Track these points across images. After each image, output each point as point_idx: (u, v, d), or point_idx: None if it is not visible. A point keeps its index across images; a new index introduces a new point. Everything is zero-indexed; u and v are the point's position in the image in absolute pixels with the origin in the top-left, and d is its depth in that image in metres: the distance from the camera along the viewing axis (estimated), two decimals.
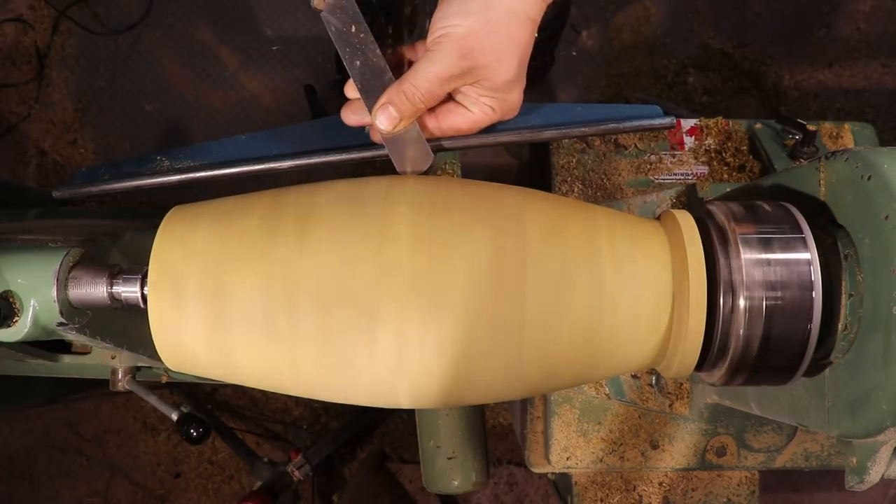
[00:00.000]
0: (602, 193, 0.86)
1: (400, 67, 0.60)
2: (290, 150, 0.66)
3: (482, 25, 0.56)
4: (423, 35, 0.60)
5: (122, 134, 1.77)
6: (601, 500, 0.86)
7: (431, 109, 0.61)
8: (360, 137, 0.66)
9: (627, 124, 0.65)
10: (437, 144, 0.62)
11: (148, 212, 0.82)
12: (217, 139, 0.67)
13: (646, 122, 0.65)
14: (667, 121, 0.65)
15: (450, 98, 0.61)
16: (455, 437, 0.81)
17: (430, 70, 0.57)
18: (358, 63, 0.60)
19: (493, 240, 0.52)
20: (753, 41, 1.79)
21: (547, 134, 0.65)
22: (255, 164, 0.65)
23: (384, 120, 0.59)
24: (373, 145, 0.65)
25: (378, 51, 0.60)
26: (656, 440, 0.83)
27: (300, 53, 1.78)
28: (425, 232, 0.52)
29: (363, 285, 0.51)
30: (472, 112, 0.61)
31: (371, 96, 0.60)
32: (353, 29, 0.60)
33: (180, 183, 0.66)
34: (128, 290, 0.55)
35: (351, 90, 0.62)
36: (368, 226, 0.52)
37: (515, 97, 0.61)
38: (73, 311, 0.55)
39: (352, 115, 0.63)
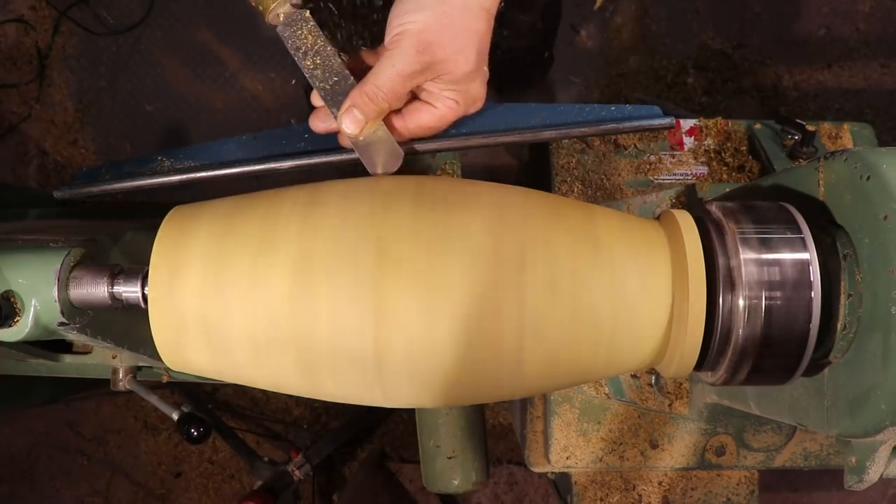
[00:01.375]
0: (602, 193, 0.86)
1: (363, 73, 0.61)
2: (291, 150, 0.66)
3: (438, 19, 0.56)
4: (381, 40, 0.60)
5: (122, 134, 1.77)
6: (601, 500, 0.86)
7: (397, 110, 0.61)
8: None
9: (627, 124, 0.66)
10: (409, 147, 0.63)
11: (148, 212, 0.82)
12: (217, 139, 0.67)
13: (645, 123, 0.66)
14: (666, 121, 0.65)
15: (414, 97, 0.61)
16: (455, 436, 0.81)
17: (390, 69, 0.57)
18: (318, 72, 0.61)
19: (493, 238, 0.52)
20: (753, 41, 1.79)
21: (547, 134, 0.65)
22: (255, 164, 0.66)
23: (350, 123, 0.59)
24: None
25: (338, 59, 0.61)
26: (656, 440, 0.83)
27: None
28: (426, 228, 0.52)
29: (363, 282, 0.51)
30: (437, 107, 0.61)
31: (335, 103, 0.61)
32: (310, 40, 0.60)
33: (181, 183, 0.66)
34: (128, 290, 0.55)
35: (317, 98, 0.62)
36: (369, 222, 0.52)
37: (478, 88, 0.61)
38: (73, 311, 0.55)
39: (320, 123, 0.63)
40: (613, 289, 0.53)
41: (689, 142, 0.91)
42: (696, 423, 0.82)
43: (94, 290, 0.55)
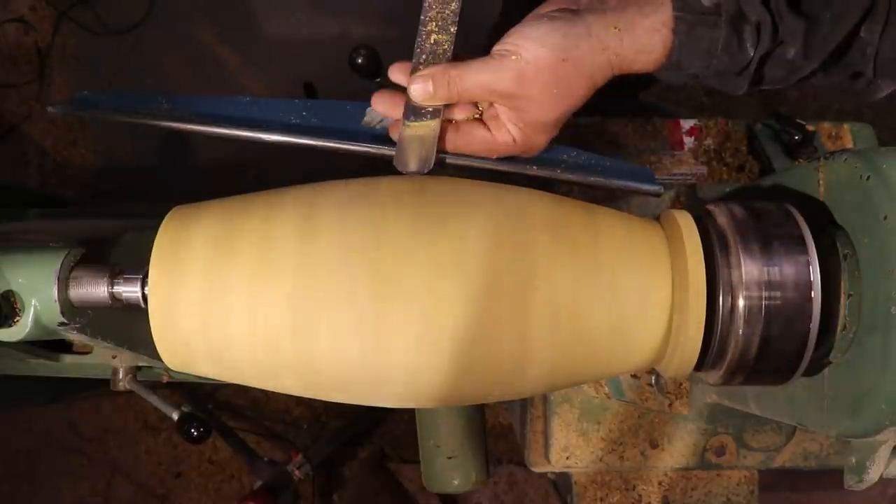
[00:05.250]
0: (602, 193, 0.86)
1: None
2: (290, 123, 0.65)
3: (549, 64, 0.55)
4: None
5: (122, 134, 1.77)
6: (601, 500, 0.86)
7: (455, 122, 0.61)
8: (364, 132, 0.66)
9: (616, 182, 0.65)
10: (440, 157, 0.62)
11: (148, 212, 0.82)
12: (220, 96, 0.66)
13: (633, 185, 0.65)
14: (654, 188, 0.65)
15: (478, 115, 0.61)
16: (455, 436, 0.81)
17: (481, 73, 0.57)
18: (428, 44, 0.59)
19: (494, 238, 0.52)
20: None
21: (533, 171, 0.63)
22: (245, 129, 0.63)
23: (419, 88, 0.58)
24: (374, 142, 0.64)
25: (451, 48, 0.60)
26: (656, 440, 0.83)
27: (300, 53, 1.78)
28: (426, 227, 0.52)
29: (363, 282, 0.51)
30: (494, 135, 0.60)
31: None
32: (450, 11, 0.59)
33: (172, 129, 0.65)
34: (129, 290, 0.55)
35: (396, 73, 0.61)
36: (370, 220, 0.53)
37: (541, 140, 0.61)
38: (73, 311, 0.55)
39: (380, 103, 0.62)
40: (614, 289, 0.53)
41: (689, 142, 0.91)
42: (696, 423, 0.82)
43: (94, 290, 0.55)
